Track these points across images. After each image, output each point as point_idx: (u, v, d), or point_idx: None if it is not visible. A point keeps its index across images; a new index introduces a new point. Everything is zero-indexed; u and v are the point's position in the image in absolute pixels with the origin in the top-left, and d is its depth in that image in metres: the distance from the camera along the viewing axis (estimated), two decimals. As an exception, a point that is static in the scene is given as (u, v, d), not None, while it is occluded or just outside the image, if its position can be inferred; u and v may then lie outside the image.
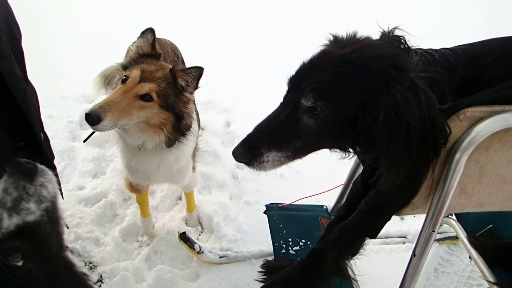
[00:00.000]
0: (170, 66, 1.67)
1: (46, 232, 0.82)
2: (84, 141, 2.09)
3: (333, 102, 1.04)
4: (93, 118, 1.34)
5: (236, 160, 1.16)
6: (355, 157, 1.84)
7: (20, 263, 0.73)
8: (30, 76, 1.53)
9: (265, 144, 1.11)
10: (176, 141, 1.70)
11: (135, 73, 1.53)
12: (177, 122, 1.64)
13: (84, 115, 1.36)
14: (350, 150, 1.23)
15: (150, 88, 1.51)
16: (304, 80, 1.08)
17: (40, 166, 0.89)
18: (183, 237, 2.07)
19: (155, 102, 1.53)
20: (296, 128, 1.10)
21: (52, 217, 0.86)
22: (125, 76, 1.54)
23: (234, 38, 5.30)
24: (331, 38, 1.18)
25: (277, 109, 1.16)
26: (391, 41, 1.13)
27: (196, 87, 1.67)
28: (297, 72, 1.14)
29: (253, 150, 1.12)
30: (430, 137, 1.01)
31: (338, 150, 1.24)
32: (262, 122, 1.15)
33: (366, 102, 1.02)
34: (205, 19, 5.95)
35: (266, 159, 1.12)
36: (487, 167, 1.16)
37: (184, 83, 1.63)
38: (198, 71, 1.62)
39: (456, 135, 1.10)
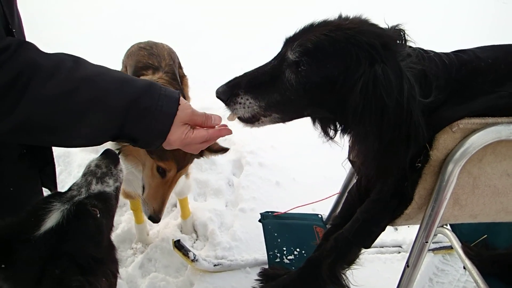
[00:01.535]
0: None
1: (113, 203, 1.10)
2: None
3: (317, 61, 1.06)
4: (155, 220, 1.65)
5: (217, 97, 1.17)
6: (350, 166, 1.86)
7: (98, 216, 1.00)
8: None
9: (244, 87, 1.13)
10: None
11: (172, 167, 1.59)
12: None
13: (148, 217, 1.66)
14: (331, 126, 1.22)
15: (184, 174, 1.71)
16: (298, 39, 1.11)
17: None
18: (178, 244, 2.06)
19: None
20: (277, 81, 1.11)
21: (116, 196, 1.12)
22: (159, 167, 1.60)
23: (233, 44, 5.35)
24: (338, 15, 1.18)
25: (268, 61, 1.18)
26: (392, 31, 1.14)
27: None
28: (295, 32, 1.16)
29: (232, 89, 1.14)
30: (403, 127, 1.00)
31: (320, 124, 1.23)
32: (251, 70, 1.18)
33: (348, 69, 1.03)
34: (205, 24, 6.00)
35: (240, 100, 1.13)
36: (480, 178, 1.17)
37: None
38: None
39: (449, 147, 1.10)
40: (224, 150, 1.66)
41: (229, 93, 1.13)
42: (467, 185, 1.17)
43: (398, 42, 1.10)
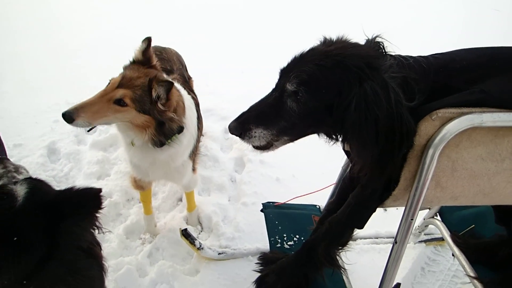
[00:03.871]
0: (154, 75, 1.71)
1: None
2: (88, 131, 2.20)
3: (313, 89, 1.22)
4: (66, 118, 1.56)
5: (230, 133, 1.35)
6: (345, 157, 2.00)
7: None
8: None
9: (254, 121, 1.30)
10: (167, 142, 1.81)
11: (115, 79, 1.68)
12: (159, 126, 1.73)
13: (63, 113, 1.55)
14: (333, 136, 1.38)
15: (124, 94, 1.61)
16: (292, 69, 1.28)
17: None
18: (185, 233, 2.20)
19: (130, 107, 1.63)
20: (281, 110, 1.28)
21: None
22: (109, 81, 1.69)
23: (233, 49, 5.51)
24: (322, 39, 1.36)
25: (269, 93, 1.35)
26: (372, 46, 1.31)
27: (167, 100, 1.69)
28: (288, 63, 1.33)
29: (243, 125, 1.31)
30: (396, 130, 1.17)
31: (324, 136, 1.39)
32: (256, 102, 1.34)
33: (341, 91, 1.20)
34: (206, 30, 6.16)
35: (254, 134, 1.30)
36: (458, 162, 1.30)
37: (155, 95, 1.65)
38: (168, 86, 1.64)
39: (429, 133, 1.25)
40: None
41: (240, 129, 1.32)
42: (447, 168, 1.31)
43: (379, 57, 1.26)
